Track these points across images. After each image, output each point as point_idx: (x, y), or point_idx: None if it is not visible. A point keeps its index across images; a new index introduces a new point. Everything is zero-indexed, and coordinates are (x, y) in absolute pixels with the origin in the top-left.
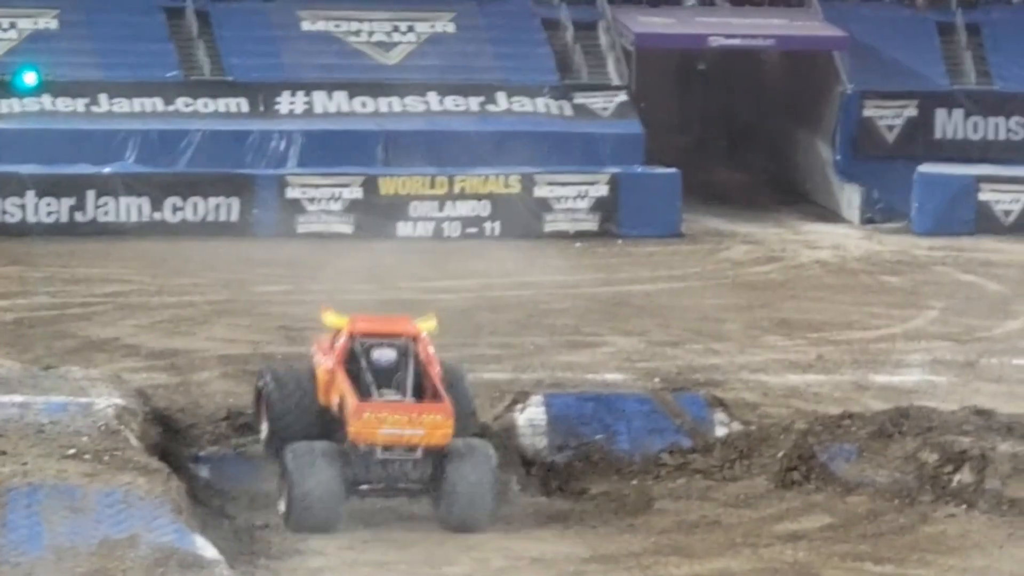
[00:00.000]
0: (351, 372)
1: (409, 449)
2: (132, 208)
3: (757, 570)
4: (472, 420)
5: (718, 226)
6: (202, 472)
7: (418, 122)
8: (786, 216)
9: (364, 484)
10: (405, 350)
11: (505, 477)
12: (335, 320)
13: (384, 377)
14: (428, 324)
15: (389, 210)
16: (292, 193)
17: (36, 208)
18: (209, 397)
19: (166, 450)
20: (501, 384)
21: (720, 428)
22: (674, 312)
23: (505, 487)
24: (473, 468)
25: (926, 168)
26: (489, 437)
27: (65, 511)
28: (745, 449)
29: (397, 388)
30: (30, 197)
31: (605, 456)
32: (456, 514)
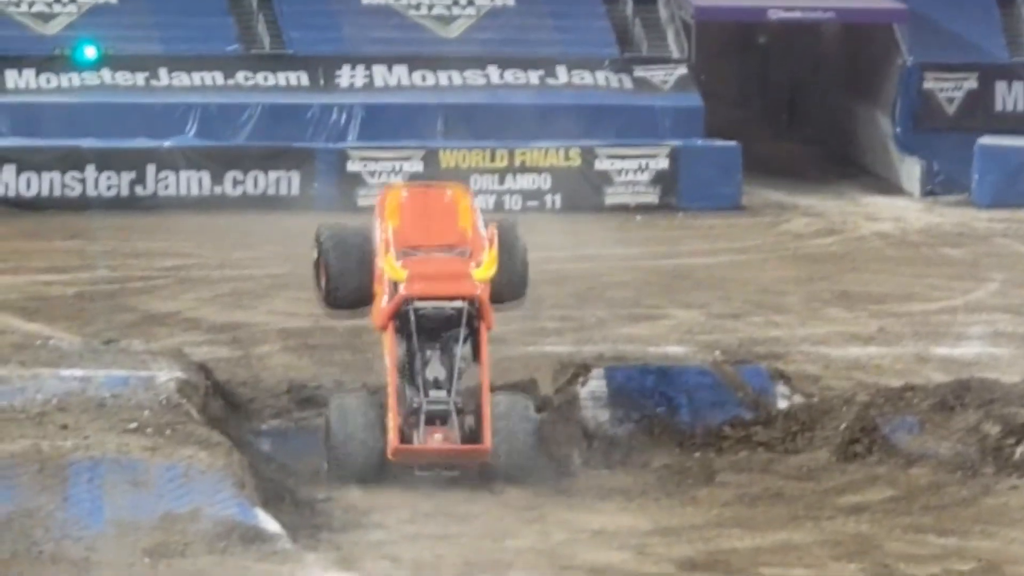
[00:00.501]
0: (399, 329)
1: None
2: (192, 182)
3: (819, 542)
4: (523, 284)
5: (778, 199)
6: (264, 446)
7: (478, 96)
8: (846, 188)
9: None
10: (458, 314)
11: (567, 450)
12: (395, 270)
13: (432, 335)
14: (484, 272)
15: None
16: (352, 167)
17: (96, 182)
18: (270, 371)
19: (227, 424)
20: (562, 357)
21: (782, 400)
22: (735, 285)
23: (567, 460)
24: (510, 426)
25: (986, 140)
26: (551, 410)
27: (127, 485)
28: (807, 421)
29: (443, 352)
30: (90, 171)
31: (666, 429)
32: (497, 472)
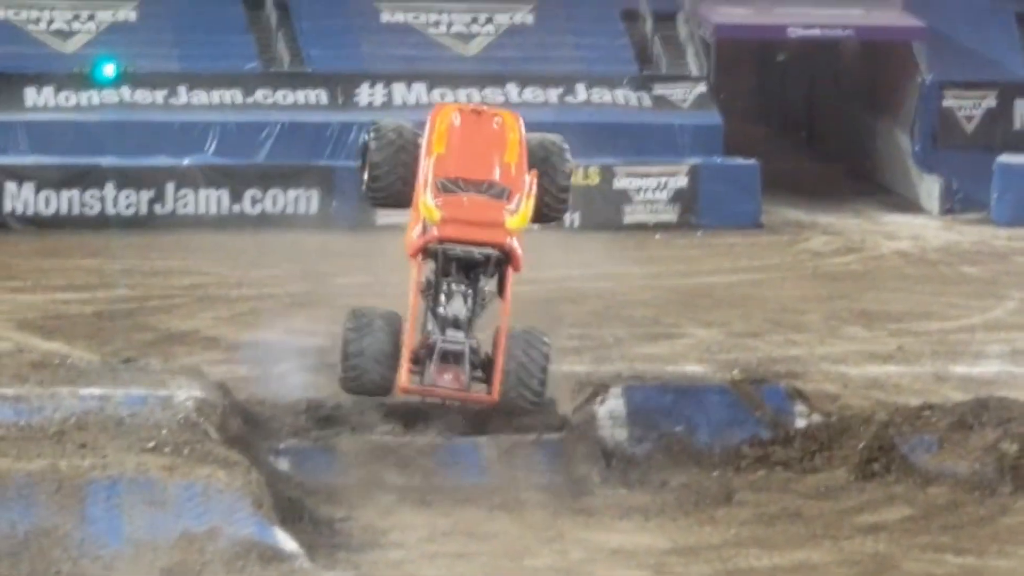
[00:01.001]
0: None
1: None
2: (211, 200)
3: (837, 562)
4: (562, 205)
5: (798, 217)
6: (282, 465)
7: None
8: (865, 207)
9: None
10: (486, 259)
11: (585, 469)
12: (430, 210)
13: (459, 273)
14: (517, 222)
15: None
16: None
17: (115, 200)
18: (289, 389)
19: (246, 443)
20: (581, 376)
21: (800, 419)
22: (754, 303)
23: (585, 479)
24: (525, 349)
25: (1006, 159)
26: (569, 429)
27: (145, 504)
28: (825, 440)
29: (468, 291)
30: (109, 189)
31: (685, 448)
32: (503, 394)
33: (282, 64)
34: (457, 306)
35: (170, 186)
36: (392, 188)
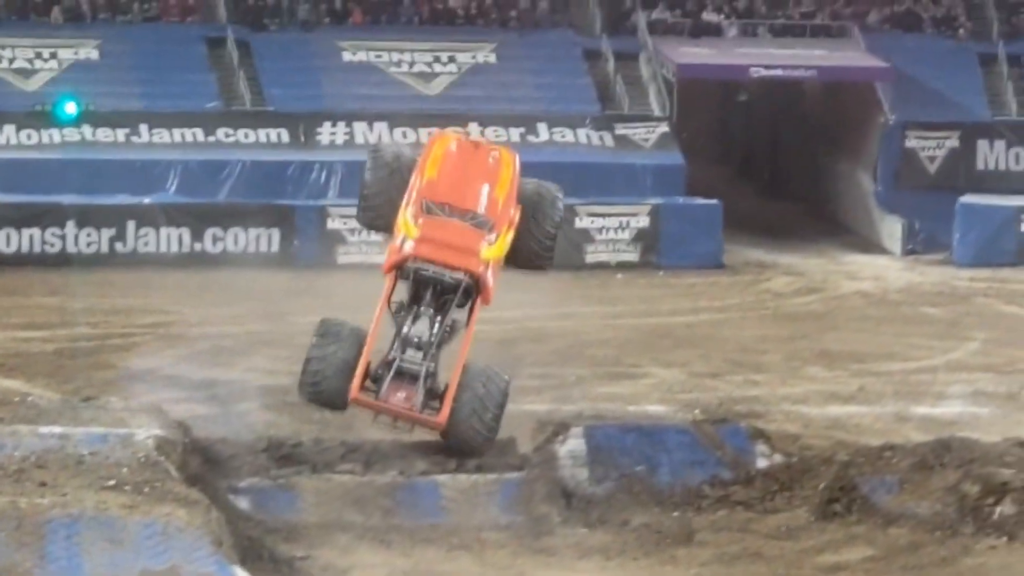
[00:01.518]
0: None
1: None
2: (172, 239)
3: None
4: (547, 254)
5: (759, 257)
6: (242, 503)
7: None
8: (827, 247)
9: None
10: (456, 284)
11: (546, 509)
12: (409, 226)
13: (430, 295)
14: (492, 252)
15: None
16: (333, 224)
17: (76, 238)
18: (249, 428)
19: (206, 481)
20: (542, 415)
21: (761, 460)
22: (715, 343)
23: (546, 518)
24: (484, 383)
25: (968, 199)
26: (530, 468)
27: (105, 543)
28: (786, 481)
29: (435, 315)
30: (70, 227)
31: (646, 488)
32: (455, 423)
33: (244, 103)
34: (422, 328)
35: (131, 224)
36: (382, 210)
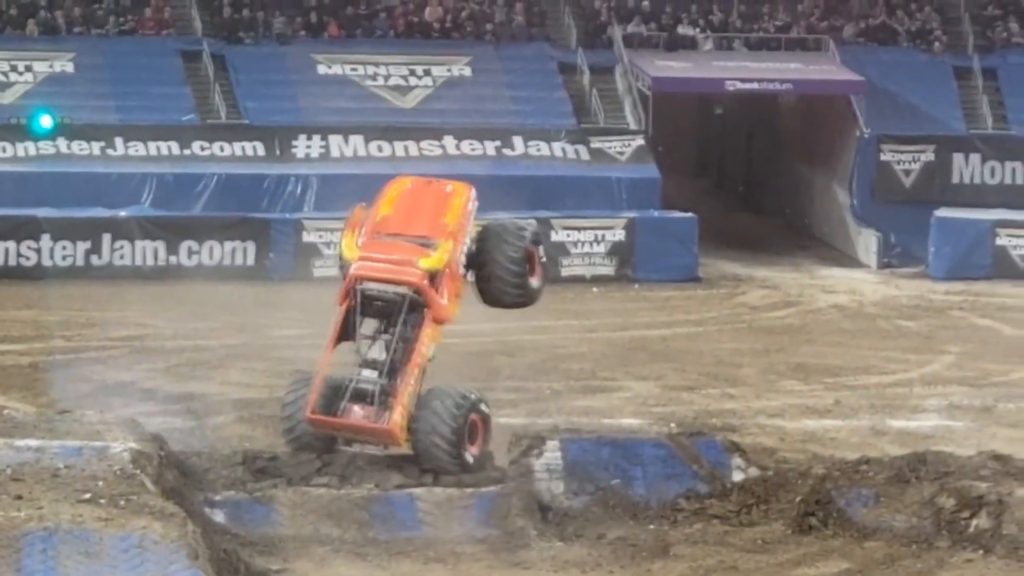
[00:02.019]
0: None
1: None
2: (148, 252)
3: None
4: (514, 278)
5: (735, 270)
6: (218, 516)
7: (434, 166)
8: (803, 260)
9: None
10: (402, 299)
11: (522, 522)
12: (350, 249)
13: (386, 318)
14: (430, 262)
15: None
16: (308, 237)
17: (51, 252)
18: (225, 441)
19: (182, 494)
20: (517, 429)
21: (737, 473)
22: (690, 357)
23: (522, 532)
24: (441, 399)
25: (943, 213)
26: (505, 482)
27: (80, 556)
28: (762, 494)
29: (390, 336)
30: (45, 240)
31: (622, 501)
32: (415, 442)
33: (219, 116)
34: (378, 350)
35: (107, 238)
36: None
